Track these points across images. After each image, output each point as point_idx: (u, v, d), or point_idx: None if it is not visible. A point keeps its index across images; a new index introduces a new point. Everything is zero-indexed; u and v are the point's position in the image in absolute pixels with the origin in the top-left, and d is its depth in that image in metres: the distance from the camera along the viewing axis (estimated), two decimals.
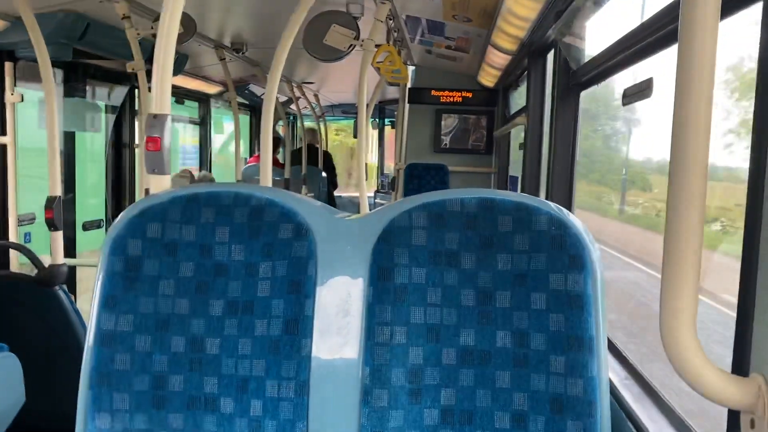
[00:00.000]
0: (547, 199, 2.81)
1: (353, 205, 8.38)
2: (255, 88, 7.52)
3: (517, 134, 4.94)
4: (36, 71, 2.94)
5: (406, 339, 1.31)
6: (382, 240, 1.35)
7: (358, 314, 1.34)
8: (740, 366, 0.95)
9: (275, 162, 7.58)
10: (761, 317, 0.90)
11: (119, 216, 1.39)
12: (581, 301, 1.27)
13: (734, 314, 0.99)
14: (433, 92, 6.28)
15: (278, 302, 1.34)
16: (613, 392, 1.50)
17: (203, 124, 7.35)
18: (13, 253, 3.75)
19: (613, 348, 1.88)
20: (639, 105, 1.86)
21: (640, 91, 1.84)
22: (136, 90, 5.21)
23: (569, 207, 2.77)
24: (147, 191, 1.54)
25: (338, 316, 1.35)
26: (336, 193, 9.34)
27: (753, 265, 0.92)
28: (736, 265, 0.99)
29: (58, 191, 3.02)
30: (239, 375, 1.33)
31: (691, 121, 0.86)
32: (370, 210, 1.57)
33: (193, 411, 1.33)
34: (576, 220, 1.32)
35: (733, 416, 0.97)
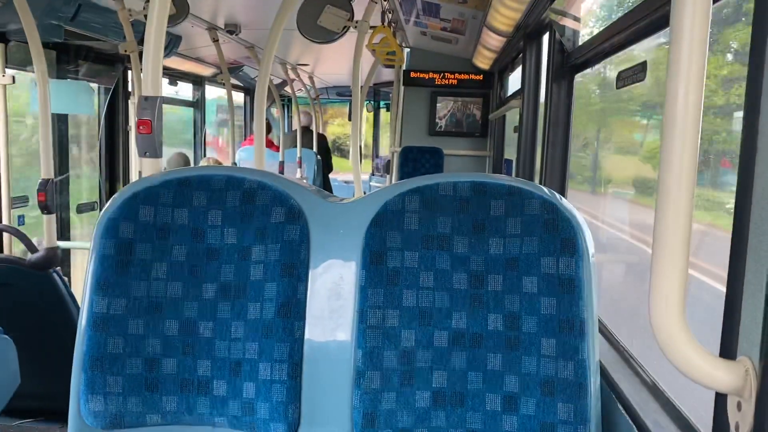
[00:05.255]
0: (541, 182, 2.82)
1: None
2: (249, 70, 7.47)
3: (513, 117, 4.93)
4: (27, 52, 2.91)
5: (398, 322, 1.32)
6: (374, 224, 1.35)
7: (351, 297, 1.35)
8: (728, 349, 0.96)
9: (269, 144, 7.56)
10: (749, 301, 0.90)
11: (111, 199, 1.39)
12: (573, 285, 1.28)
13: None
14: (428, 75, 6.25)
15: (271, 285, 1.34)
16: (604, 374, 1.51)
17: (197, 106, 7.31)
18: (6, 236, 3.74)
19: (603, 330, 1.90)
20: None
21: (635, 74, 1.83)
22: (129, 72, 5.17)
23: (563, 191, 2.77)
24: (141, 174, 1.53)
25: (331, 299, 1.36)
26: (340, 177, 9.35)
27: (742, 249, 0.92)
28: None
29: (51, 174, 3.00)
30: (232, 358, 1.34)
31: (681, 105, 0.86)
32: (365, 193, 1.57)
33: (186, 394, 1.34)
34: (568, 204, 1.33)
35: (721, 399, 0.98)
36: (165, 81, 6.25)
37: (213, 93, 7.85)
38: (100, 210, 5.23)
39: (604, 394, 1.35)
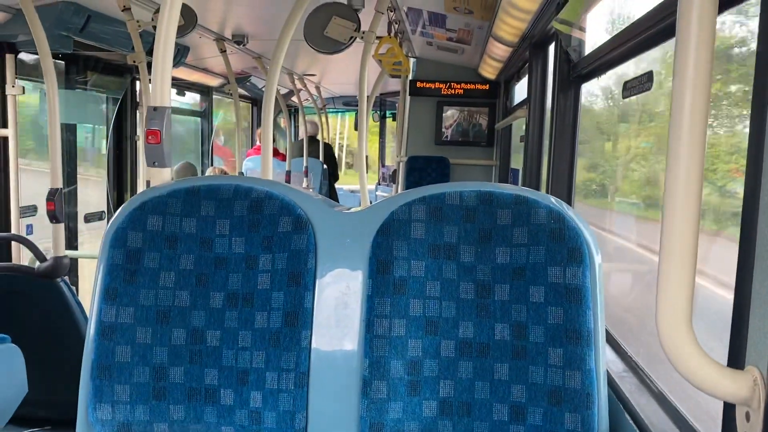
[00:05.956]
0: (547, 192, 2.82)
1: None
2: (256, 81, 7.51)
3: (519, 127, 4.93)
4: (37, 63, 2.94)
5: (405, 331, 1.32)
6: (381, 233, 1.35)
7: (358, 307, 1.35)
8: (736, 359, 0.95)
9: (275, 153, 7.59)
10: (757, 311, 0.90)
11: (120, 209, 1.40)
12: (580, 294, 1.28)
13: None
14: (434, 84, 6.27)
15: (278, 295, 1.35)
16: (611, 384, 1.51)
17: (204, 116, 7.34)
18: (15, 244, 3.76)
19: (611, 340, 1.89)
20: None
21: (641, 84, 1.84)
22: (137, 82, 5.21)
23: (569, 200, 2.77)
24: (149, 184, 1.54)
25: (338, 308, 1.36)
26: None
27: (750, 259, 0.92)
28: None
29: (60, 183, 3.02)
30: (239, 367, 1.34)
31: (687, 115, 0.86)
32: (372, 202, 1.58)
33: (194, 403, 1.34)
34: (575, 213, 1.33)
35: (729, 409, 0.98)
36: (173, 91, 6.30)
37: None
38: (108, 219, 5.25)
39: (611, 404, 1.35)
